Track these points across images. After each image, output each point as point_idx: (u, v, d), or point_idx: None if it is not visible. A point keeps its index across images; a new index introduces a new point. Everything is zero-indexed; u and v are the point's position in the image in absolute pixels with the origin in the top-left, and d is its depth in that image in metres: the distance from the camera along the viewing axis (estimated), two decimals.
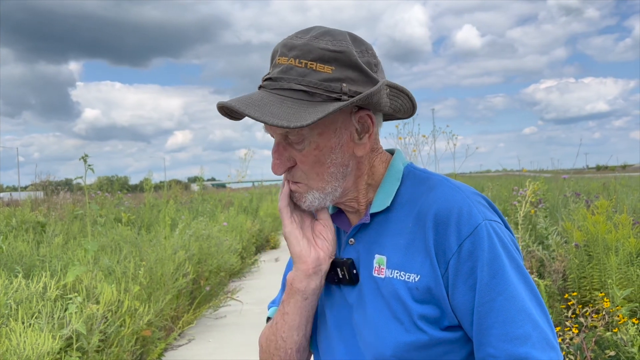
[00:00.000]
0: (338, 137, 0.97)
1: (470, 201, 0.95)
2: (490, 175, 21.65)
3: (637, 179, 11.09)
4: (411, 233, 0.97)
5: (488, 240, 0.92)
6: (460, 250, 0.92)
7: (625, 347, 2.71)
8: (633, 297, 3.27)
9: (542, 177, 5.45)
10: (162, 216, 7.09)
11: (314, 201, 1.01)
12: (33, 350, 2.77)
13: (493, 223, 0.94)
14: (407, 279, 0.95)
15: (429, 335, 0.93)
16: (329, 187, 1.00)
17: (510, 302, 0.90)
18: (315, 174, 0.98)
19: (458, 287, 0.92)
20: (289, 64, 0.94)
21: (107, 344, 3.61)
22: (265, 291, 7.08)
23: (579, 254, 3.88)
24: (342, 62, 0.93)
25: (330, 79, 0.92)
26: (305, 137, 0.96)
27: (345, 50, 0.93)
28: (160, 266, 4.96)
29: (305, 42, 0.94)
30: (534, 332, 0.89)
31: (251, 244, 9.87)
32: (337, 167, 0.99)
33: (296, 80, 0.93)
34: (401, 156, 1.08)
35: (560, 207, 5.82)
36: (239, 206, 13.08)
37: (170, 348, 4.87)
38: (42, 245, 5.01)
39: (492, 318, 0.90)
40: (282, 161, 0.99)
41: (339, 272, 1.03)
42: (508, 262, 0.92)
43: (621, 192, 6.85)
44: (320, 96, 0.92)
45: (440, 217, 0.94)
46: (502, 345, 0.89)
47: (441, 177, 1.03)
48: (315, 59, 0.93)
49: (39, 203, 8.83)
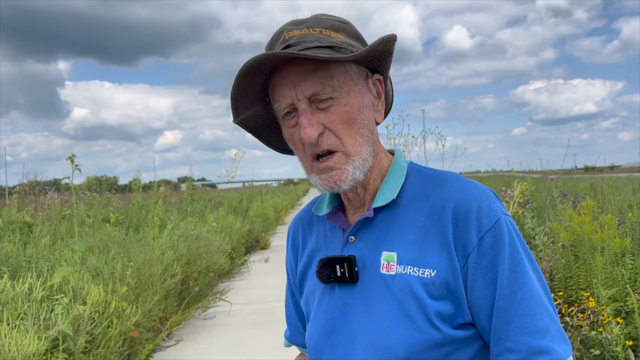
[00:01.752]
0: (362, 98, 0.97)
1: (487, 195, 0.96)
2: (479, 176, 21.77)
3: (624, 179, 11.21)
4: (424, 228, 0.95)
5: (508, 234, 0.92)
6: (481, 243, 0.91)
7: (610, 346, 2.74)
8: (618, 297, 3.30)
9: (529, 178, 5.49)
10: (151, 216, 7.06)
11: (355, 171, 0.95)
12: (18, 351, 2.75)
13: (510, 218, 0.95)
14: (422, 275, 0.92)
15: (443, 334, 0.91)
16: (364, 152, 0.96)
17: (530, 296, 0.90)
18: (347, 135, 0.94)
19: (477, 281, 0.91)
20: (303, 33, 0.94)
21: (94, 345, 3.59)
22: (255, 291, 7.07)
23: (565, 254, 3.91)
24: (349, 33, 0.98)
25: (344, 42, 0.95)
26: (335, 91, 0.93)
27: (349, 23, 0.99)
28: (148, 267, 4.93)
29: (313, 17, 0.98)
30: (552, 325, 0.90)
31: (241, 244, 9.83)
32: (366, 129, 0.97)
33: (319, 40, 0.93)
34: (402, 155, 1.08)
35: (548, 207, 5.86)
36: (229, 206, 13.04)
37: (158, 349, 4.84)
38: (28, 245, 4.97)
39: (512, 312, 0.89)
40: (314, 124, 0.92)
41: (338, 269, 0.99)
42: (525, 256, 0.93)
43: (608, 192, 6.92)
44: (345, 51, 0.94)
45: (459, 210, 0.93)
46: (522, 338, 0.89)
47: (451, 173, 1.02)
48: (328, 27, 0.96)
49: (26, 203, 8.75)
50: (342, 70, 0.95)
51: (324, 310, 1.03)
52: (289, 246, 1.20)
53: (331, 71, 0.93)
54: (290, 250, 1.19)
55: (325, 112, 0.94)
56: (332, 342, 1.01)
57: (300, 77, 0.92)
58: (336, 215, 1.05)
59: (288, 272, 1.22)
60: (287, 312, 1.25)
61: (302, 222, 1.17)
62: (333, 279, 1.00)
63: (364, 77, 0.99)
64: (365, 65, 0.99)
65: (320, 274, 1.02)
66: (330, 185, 0.96)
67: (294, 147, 1.00)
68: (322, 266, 1.02)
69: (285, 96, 0.94)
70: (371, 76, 1.01)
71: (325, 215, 1.07)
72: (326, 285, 1.03)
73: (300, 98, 0.93)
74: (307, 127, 0.92)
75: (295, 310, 1.22)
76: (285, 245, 1.24)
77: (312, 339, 1.05)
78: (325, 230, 1.10)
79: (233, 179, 13.92)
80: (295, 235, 1.18)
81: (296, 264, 1.16)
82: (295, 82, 0.92)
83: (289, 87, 0.93)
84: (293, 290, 1.21)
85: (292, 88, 0.93)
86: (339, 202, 1.08)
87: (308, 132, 0.92)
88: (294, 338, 1.24)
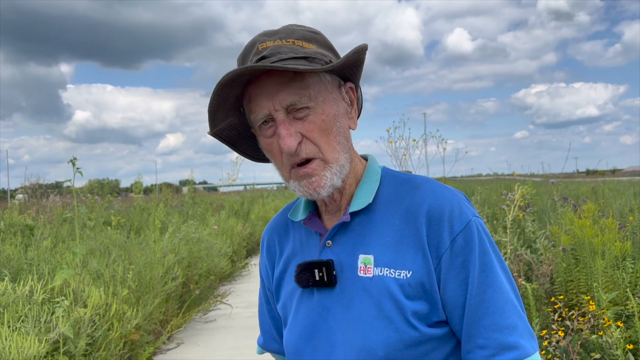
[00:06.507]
0: (337, 106, 0.99)
1: (459, 198, 0.99)
2: (481, 179, 21.78)
3: (626, 183, 11.19)
4: (399, 230, 0.98)
5: (478, 236, 0.95)
6: (453, 245, 0.94)
7: (610, 349, 2.73)
8: (618, 300, 3.29)
9: (530, 181, 5.49)
10: (152, 219, 7.06)
11: (333, 177, 0.97)
12: (19, 354, 2.75)
13: (480, 220, 0.98)
14: (398, 276, 0.95)
15: (420, 332, 0.94)
16: (342, 158, 0.98)
17: (499, 295, 0.94)
18: (325, 143, 0.96)
19: (450, 281, 0.94)
20: (276, 44, 0.95)
21: (94, 348, 3.60)
22: (256, 295, 7.05)
23: (566, 257, 3.90)
24: (320, 43, 0.99)
25: (317, 52, 0.96)
26: (311, 101, 0.95)
27: (320, 32, 1.00)
28: (149, 270, 4.94)
29: (284, 27, 0.99)
30: (520, 322, 0.94)
31: (242, 247, 9.84)
32: (342, 137, 0.99)
33: (293, 50, 0.94)
34: (376, 160, 1.10)
35: (549, 211, 5.86)
36: (230, 209, 13.05)
37: (158, 352, 4.84)
38: (30, 248, 4.97)
39: (482, 310, 0.93)
40: (292, 134, 0.94)
41: (317, 273, 1.01)
42: (494, 256, 0.96)
43: (609, 196, 6.91)
44: (319, 61, 0.95)
45: (433, 213, 0.96)
46: (492, 334, 0.92)
47: (424, 177, 1.05)
48: (300, 38, 0.97)
49: (28, 206, 8.75)
50: (317, 80, 0.97)
51: (303, 314, 1.05)
52: (264, 253, 1.21)
53: (307, 81, 0.95)
54: (265, 257, 1.20)
55: (303, 121, 0.96)
56: (313, 346, 1.03)
57: (277, 88, 0.94)
58: (312, 220, 1.07)
59: (263, 278, 1.23)
60: (261, 318, 1.26)
61: (277, 229, 1.18)
62: (312, 283, 1.02)
63: (337, 86, 1.01)
64: (338, 74, 1.01)
65: (299, 279, 1.03)
66: (309, 192, 0.98)
67: (272, 156, 1.02)
68: (301, 271, 1.03)
69: (263, 107, 0.95)
70: (344, 84, 1.03)
71: (301, 220, 1.08)
72: (304, 289, 1.05)
73: (277, 108, 0.95)
74: (286, 137, 0.94)
75: (270, 317, 1.23)
76: (260, 251, 1.25)
77: (291, 343, 1.07)
78: (301, 236, 1.11)
79: (234, 182, 13.92)
80: (271, 242, 1.18)
81: (273, 270, 1.17)
82: (272, 93, 0.94)
83: (266, 98, 0.95)
84: (268, 297, 1.21)
85: (270, 99, 0.94)
86: (315, 208, 1.10)
87: (287, 142, 0.94)
88: (268, 345, 1.25)
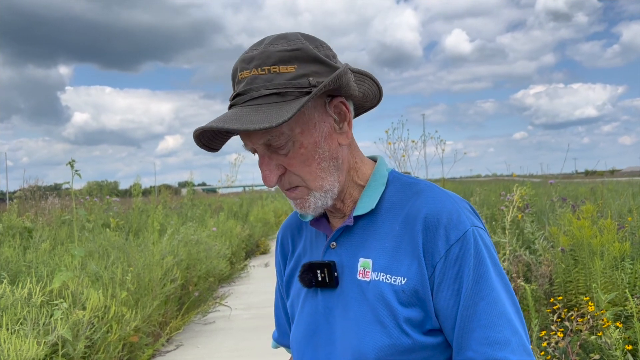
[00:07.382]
0: (319, 131, 0.97)
1: (459, 207, 0.97)
2: (480, 180, 21.77)
3: (625, 183, 11.19)
4: (398, 236, 0.98)
5: (475, 246, 0.93)
6: (448, 254, 0.93)
7: (609, 350, 2.73)
8: (617, 301, 3.30)
9: (529, 182, 5.49)
10: (151, 221, 7.06)
11: (317, 202, 0.99)
12: (18, 356, 2.75)
13: (480, 230, 0.96)
14: (394, 282, 0.95)
15: (412, 339, 0.93)
16: (326, 184, 0.99)
17: (492, 307, 0.91)
18: (307, 173, 0.97)
19: (443, 291, 0.93)
20: (252, 75, 0.94)
21: (93, 350, 3.59)
22: (255, 296, 7.06)
23: (564, 258, 3.91)
24: (302, 59, 0.94)
25: (295, 76, 0.93)
26: (287, 138, 0.95)
27: (302, 47, 0.94)
28: (148, 272, 4.93)
29: (262, 51, 0.94)
30: (513, 337, 0.91)
31: (241, 249, 9.83)
32: (328, 161, 0.98)
33: (264, 86, 0.92)
34: (385, 162, 1.10)
35: (547, 211, 5.86)
36: (229, 211, 13.04)
37: (157, 354, 4.84)
38: (28, 250, 4.97)
39: (474, 322, 0.91)
40: (272, 170, 0.97)
41: (319, 274, 1.03)
42: (492, 268, 0.94)
43: (608, 196, 6.91)
44: (292, 94, 0.92)
45: (429, 220, 0.95)
46: (482, 348, 0.90)
47: (428, 183, 1.04)
48: (276, 62, 0.93)
49: (27, 208, 8.74)
50: None
51: (307, 313, 1.07)
52: (278, 250, 1.23)
53: None
54: (279, 255, 1.23)
55: (284, 155, 0.96)
56: (314, 344, 1.05)
57: (250, 133, 0.95)
58: (319, 221, 1.09)
59: (277, 275, 1.26)
60: (276, 313, 1.30)
61: (291, 227, 1.20)
62: (315, 284, 1.04)
63: (321, 105, 0.98)
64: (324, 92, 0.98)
65: (303, 279, 1.06)
66: (300, 211, 1.02)
67: None
68: (305, 271, 1.05)
69: (245, 142, 0.98)
70: (329, 102, 0.99)
71: (309, 221, 1.10)
72: (309, 289, 1.07)
73: (256, 146, 0.97)
74: (266, 173, 0.97)
75: (284, 313, 1.26)
76: (275, 248, 1.27)
77: (296, 340, 1.09)
78: (311, 236, 1.13)
79: (233, 184, 13.93)
80: (285, 240, 1.21)
81: (285, 267, 1.20)
82: (247, 134, 0.96)
83: (244, 136, 0.97)
84: (282, 292, 1.24)
85: (247, 138, 0.97)
86: None
87: (267, 179, 0.97)
88: (282, 339, 1.29)
